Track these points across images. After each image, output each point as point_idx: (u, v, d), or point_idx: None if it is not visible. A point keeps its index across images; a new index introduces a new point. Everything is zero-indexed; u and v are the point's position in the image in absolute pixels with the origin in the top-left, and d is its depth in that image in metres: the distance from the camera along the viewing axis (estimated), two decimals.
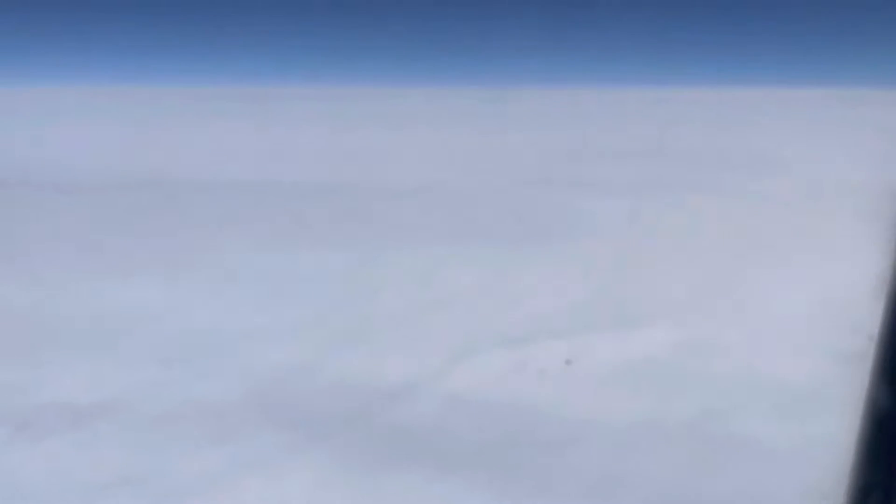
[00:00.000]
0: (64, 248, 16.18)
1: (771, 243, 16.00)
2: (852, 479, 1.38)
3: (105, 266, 14.53)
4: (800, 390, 8.72)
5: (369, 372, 9.45)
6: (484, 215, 19.66)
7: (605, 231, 17.69)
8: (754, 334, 10.64)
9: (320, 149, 35.38)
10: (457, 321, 11.23)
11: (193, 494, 6.62)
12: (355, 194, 22.98)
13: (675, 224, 18.28)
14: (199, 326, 10.95)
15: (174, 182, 25.10)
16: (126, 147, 36.15)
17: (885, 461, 1.31)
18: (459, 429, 7.97)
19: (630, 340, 10.42)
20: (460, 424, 8.10)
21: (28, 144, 37.33)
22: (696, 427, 7.98)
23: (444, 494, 6.63)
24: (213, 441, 7.68)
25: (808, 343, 10.16)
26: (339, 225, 18.43)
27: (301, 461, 7.29)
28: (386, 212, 20.15)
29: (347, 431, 7.94)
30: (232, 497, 6.61)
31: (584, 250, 15.63)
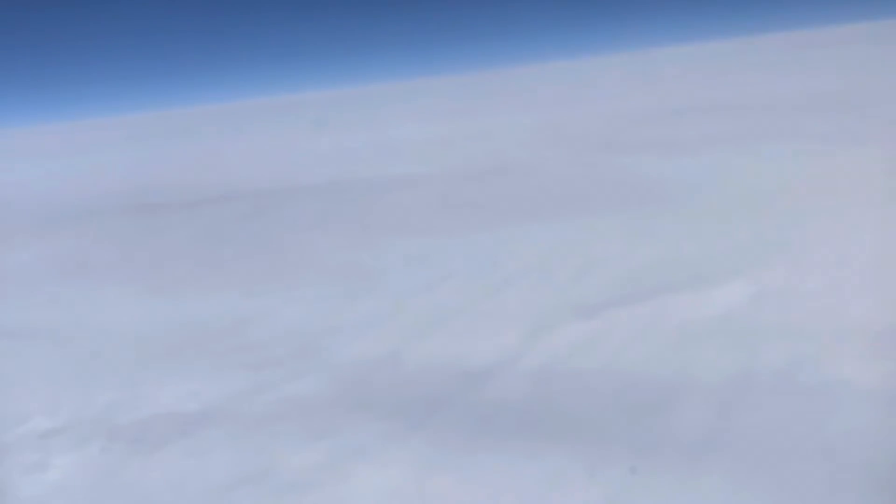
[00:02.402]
0: (150, 263, 16.79)
1: (852, 191, 15.54)
2: None
3: (190, 277, 15.04)
4: (886, 333, 8.65)
5: (454, 354, 9.63)
6: (555, 188, 19.67)
7: (676, 191, 17.50)
8: (834, 283, 10.52)
9: (387, 144, 35.76)
10: (539, 293, 11.36)
11: (309, 486, 6.88)
12: (430, 183, 23.20)
13: (747, 177, 18.02)
14: (286, 328, 11.29)
15: (255, 192, 25.69)
16: (202, 163, 37.05)
17: None
18: (552, 401, 8.09)
19: (708, 297, 10.40)
20: (552, 397, 8.21)
21: (115, 170, 38.56)
22: (789, 376, 7.98)
23: (551, 465, 6.77)
24: (315, 436, 7.93)
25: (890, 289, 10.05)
26: (413, 214, 18.69)
27: (403, 447, 7.49)
28: (461, 196, 20.34)
29: (442, 414, 8.11)
30: (344, 486, 6.85)
31: (656, 212, 15.55)
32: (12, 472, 7.96)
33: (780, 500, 6.02)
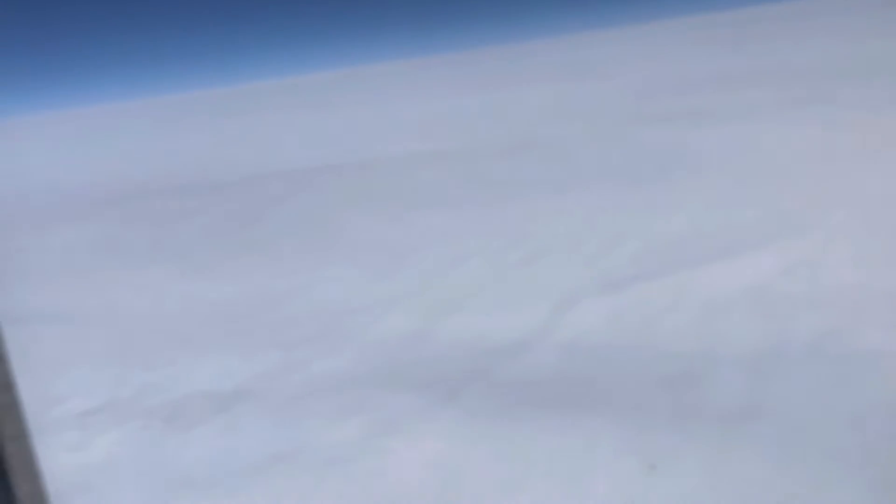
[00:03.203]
0: (183, 245, 16.96)
1: (883, 158, 15.23)
2: None
3: (221, 258, 15.17)
4: None
5: (484, 329, 9.67)
6: (580, 162, 19.56)
7: (704, 162, 17.31)
8: (865, 253, 10.43)
9: (413, 121, 35.71)
10: (568, 267, 11.37)
11: (344, 461, 6.98)
12: (456, 159, 23.12)
13: (776, 146, 17.80)
14: (317, 306, 11.39)
15: (283, 173, 25.73)
16: (231, 144, 37.21)
17: None
18: (584, 373, 8.12)
19: (738, 268, 10.36)
20: (584, 369, 8.25)
21: (146, 153, 38.87)
22: (820, 346, 7.95)
23: (585, 436, 6.82)
24: (348, 412, 8.02)
25: None
26: (440, 190, 18.66)
27: (436, 420, 7.56)
28: (487, 171, 20.27)
29: (474, 388, 8.17)
30: (380, 460, 6.94)
31: (683, 183, 15.43)
32: (55, 450, 8.13)
33: (814, 469, 6.03)
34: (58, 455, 8.00)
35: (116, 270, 15.70)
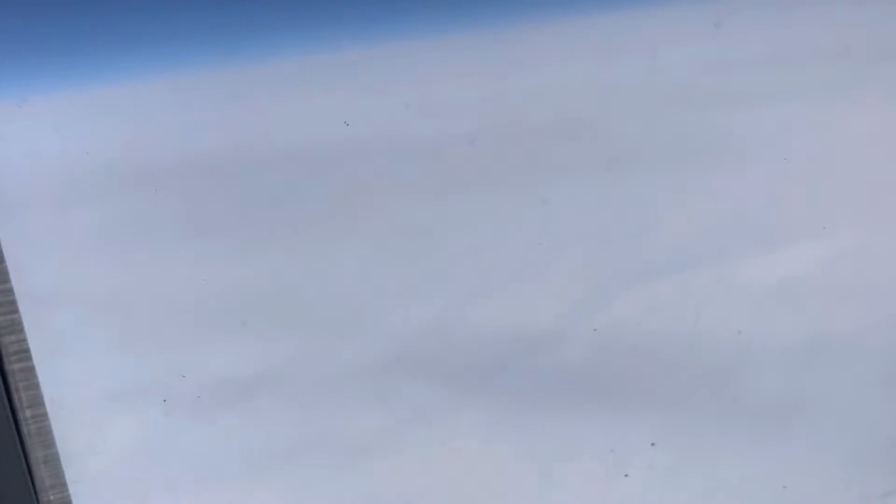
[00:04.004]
0: (209, 226, 16.88)
1: None
2: None
3: (247, 240, 15.08)
4: None
5: (513, 318, 9.50)
6: (614, 145, 19.25)
7: (751, 146, 16.93)
8: None
9: (442, 102, 35.56)
10: (600, 255, 11.15)
11: (374, 452, 6.86)
12: (488, 141, 22.89)
13: (820, 132, 17.39)
14: (341, 291, 11.26)
15: (311, 154, 25.61)
16: (244, 127, 37.31)
17: None
18: (613, 367, 7.95)
19: (779, 259, 10.11)
20: (613, 363, 8.07)
21: (180, 132, 39.07)
22: (861, 341, 7.72)
23: (615, 432, 6.65)
24: (375, 400, 7.89)
25: None
26: (470, 173, 18.44)
27: (466, 411, 7.43)
28: (524, 153, 20.03)
29: (504, 379, 8.02)
30: (410, 451, 6.82)
31: (727, 169, 15.10)
32: (74, 437, 8.06)
33: (853, 465, 5.85)
34: (79, 440, 7.94)
35: (140, 252, 15.64)
